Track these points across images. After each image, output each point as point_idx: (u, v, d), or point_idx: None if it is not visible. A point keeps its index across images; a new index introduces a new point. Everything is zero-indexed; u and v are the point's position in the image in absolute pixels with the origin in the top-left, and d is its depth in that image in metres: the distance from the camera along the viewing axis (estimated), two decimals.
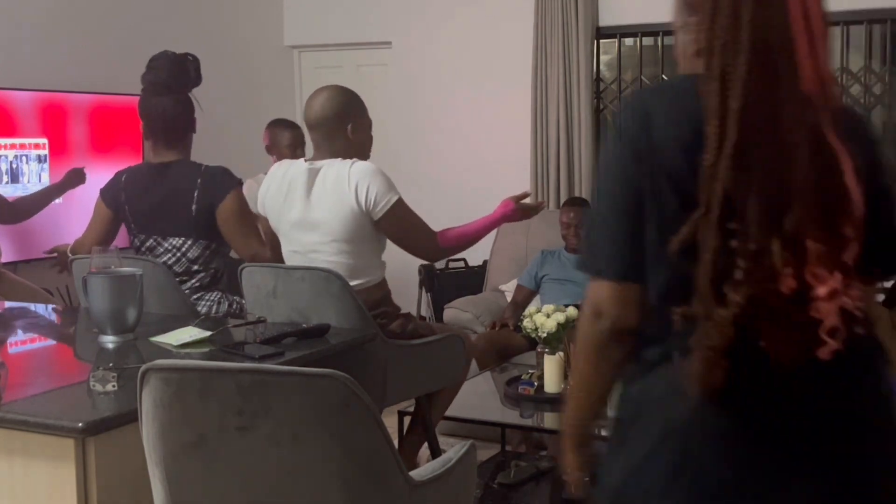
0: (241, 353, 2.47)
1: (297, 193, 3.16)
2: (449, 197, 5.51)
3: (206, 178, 3.32)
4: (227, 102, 5.61)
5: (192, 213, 3.30)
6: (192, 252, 3.35)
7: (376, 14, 6.13)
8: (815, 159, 1.34)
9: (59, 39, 4.88)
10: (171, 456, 1.86)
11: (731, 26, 1.36)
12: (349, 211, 3.06)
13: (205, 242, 3.35)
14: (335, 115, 3.16)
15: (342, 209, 3.07)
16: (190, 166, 3.38)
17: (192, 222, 3.31)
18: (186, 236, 3.33)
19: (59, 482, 1.97)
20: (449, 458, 2.20)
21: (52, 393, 2.24)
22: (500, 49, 5.73)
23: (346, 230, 3.09)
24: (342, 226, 3.08)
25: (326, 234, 3.11)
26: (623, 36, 5.61)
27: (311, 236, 3.15)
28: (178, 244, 3.35)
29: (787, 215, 1.32)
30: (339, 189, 3.07)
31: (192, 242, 3.34)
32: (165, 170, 3.39)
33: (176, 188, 3.34)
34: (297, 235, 3.19)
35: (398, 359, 3.22)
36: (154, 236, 3.38)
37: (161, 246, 3.37)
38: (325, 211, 3.10)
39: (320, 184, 3.12)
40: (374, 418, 1.87)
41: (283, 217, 3.21)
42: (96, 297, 2.64)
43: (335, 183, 3.08)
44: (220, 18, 5.90)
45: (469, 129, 5.72)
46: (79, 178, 4.49)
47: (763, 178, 1.33)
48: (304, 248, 3.18)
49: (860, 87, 5.15)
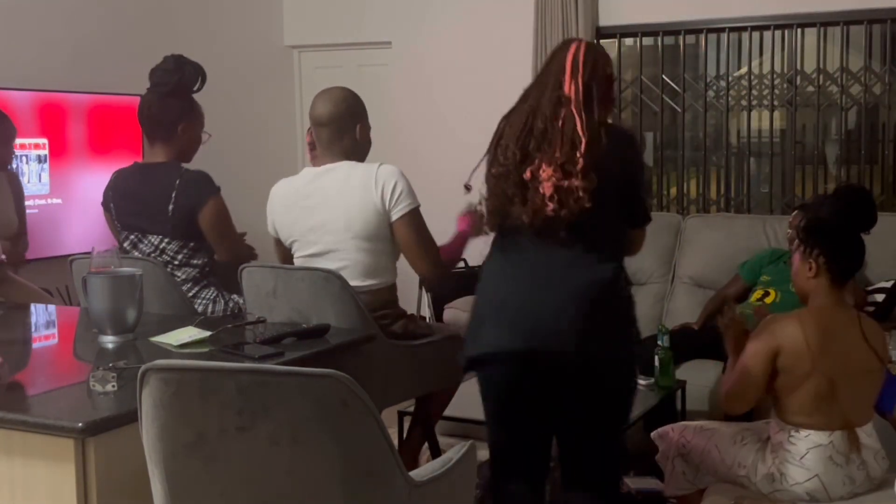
0: (241, 354, 2.47)
1: (314, 198, 3.18)
2: (449, 197, 5.50)
3: (184, 181, 3.35)
4: (227, 102, 5.61)
5: (169, 213, 3.33)
6: (171, 248, 3.38)
7: (376, 14, 6.13)
8: (559, 119, 2.48)
9: (58, 39, 4.88)
10: (171, 456, 1.86)
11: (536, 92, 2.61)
12: (372, 209, 3.10)
13: (181, 241, 3.38)
14: (349, 113, 3.22)
15: (365, 208, 3.10)
16: (171, 168, 3.41)
17: (169, 221, 3.34)
18: (164, 234, 3.38)
19: (59, 482, 1.97)
20: (449, 458, 2.20)
21: (52, 393, 2.24)
22: (500, 49, 5.73)
23: (367, 228, 3.12)
24: (364, 224, 3.11)
25: (348, 231, 3.13)
26: (623, 36, 5.61)
27: (330, 236, 3.16)
28: (157, 242, 3.39)
29: (530, 142, 2.50)
30: (365, 187, 3.10)
31: (168, 240, 3.38)
32: (150, 170, 3.45)
33: (154, 188, 3.38)
34: (316, 237, 3.19)
35: (398, 359, 3.22)
36: (136, 232, 3.42)
37: (142, 242, 3.42)
38: (348, 209, 3.12)
39: (339, 184, 3.15)
40: (374, 418, 1.87)
41: (298, 224, 3.22)
42: (96, 297, 2.64)
43: (363, 181, 3.11)
44: (219, 18, 5.90)
45: (469, 129, 5.72)
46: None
47: (520, 126, 2.55)
48: (324, 248, 3.18)
49: (860, 87, 5.15)
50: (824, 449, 2.61)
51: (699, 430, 2.89)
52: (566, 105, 2.49)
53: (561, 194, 2.42)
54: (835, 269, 2.69)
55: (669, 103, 5.61)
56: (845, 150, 5.28)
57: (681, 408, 4.11)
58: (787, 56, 5.31)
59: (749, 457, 2.74)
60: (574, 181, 2.41)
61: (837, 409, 2.63)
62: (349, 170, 3.17)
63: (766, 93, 5.38)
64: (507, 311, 2.52)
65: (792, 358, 2.63)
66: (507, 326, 2.51)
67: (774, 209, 5.40)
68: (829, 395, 2.61)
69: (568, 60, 2.53)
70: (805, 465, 2.62)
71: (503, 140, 2.57)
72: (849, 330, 2.71)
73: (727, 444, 2.80)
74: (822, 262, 2.68)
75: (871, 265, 2.91)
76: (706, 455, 2.82)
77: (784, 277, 4.43)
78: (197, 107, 3.51)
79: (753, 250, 4.71)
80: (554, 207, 2.42)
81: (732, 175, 5.60)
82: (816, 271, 2.69)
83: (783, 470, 2.65)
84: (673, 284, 4.97)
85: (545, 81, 2.56)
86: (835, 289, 2.71)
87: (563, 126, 2.47)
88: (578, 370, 2.48)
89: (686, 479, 2.89)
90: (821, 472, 2.61)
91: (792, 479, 2.64)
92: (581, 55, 2.53)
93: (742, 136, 5.51)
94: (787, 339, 2.65)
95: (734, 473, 2.76)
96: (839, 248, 2.72)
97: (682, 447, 2.88)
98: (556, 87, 2.51)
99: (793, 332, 2.65)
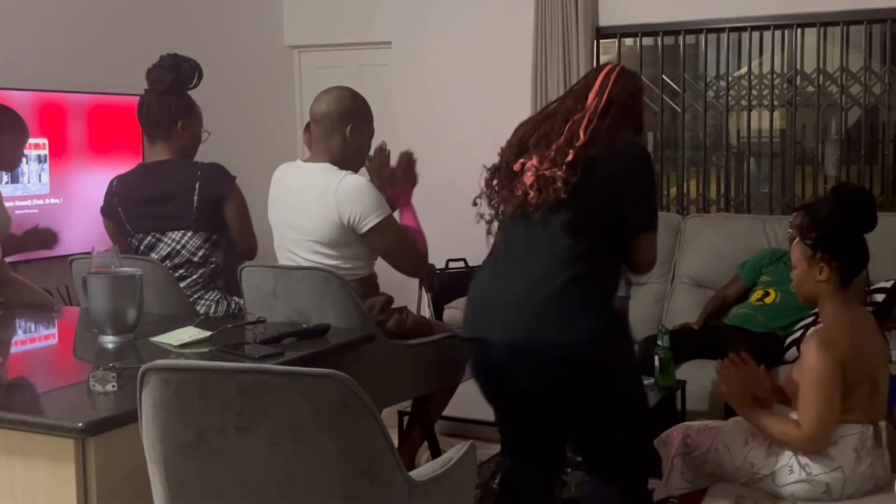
0: (241, 354, 2.47)
1: (289, 193, 3.22)
2: (449, 197, 5.50)
3: (206, 173, 3.40)
4: (227, 102, 5.61)
5: (195, 205, 3.34)
6: (193, 244, 3.38)
7: (376, 14, 6.13)
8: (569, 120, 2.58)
9: (58, 39, 4.88)
10: (171, 456, 1.86)
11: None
12: (331, 222, 3.10)
13: (205, 234, 3.39)
14: (338, 113, 3.21)
15: (325, 220, 3.11)
16: (185, 162, 3.45)
17: (194, 214, 3.35)
18: (186, 228, 3.38)
19: (59, 482, 1.97)
20: (449, 458, 2.20)
21: (52, 393, 2.24)
22: (501, 49, 5.73)
23: (328, 237, 3.13)
24: (323, 234, 3.13)
25: (308, 236, 3.16)
26: (623, 36, 5.61)
27: (295, 234, 3.20)
28: (178, 237, 3.38)
29: (531, 137, 2.62)
30: (325, 200, 3.10)
31: (192, 234, 3.38)
32: (158, 168, 3.45)
33: (174, 183, 3.38)
34: (284, 232, 3.25)
35: (398, 359, 3.22)
36: (153, 233, 3.40)
37: (161, 241, 3.39)
38: (309, 219, 3.14)
39: (308, 187, 3.15)
40: (374, 418, 1.87)
41: (274, 210, 3.30)
42: (96, 297, 2.64)
43: (322, 193, 3.10)
44: (219, 18, 5.90)
45: (469, 129, 5.72)
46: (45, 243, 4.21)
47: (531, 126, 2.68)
48: (288, 244, 3.24)
49: (860, 87, 5.15)
50: (851, 440, 2.62)
51: (703, 430, 2.89)
52: (581, 111, 2.58)
53: (541, 182, 2.51)
54: (843, 272, 2.71)
55: (669, 103, 5.61)
56: (845, 151, 5.28)
57: (681, 408, 4.11)
58: (786, 56, 5.31)
59: (761, 452, 2.74)
60: (557, 171, 2.49)
61: (864, 404, 2.65)
62: (319, 177, 3.15)
63: (765, 93, 5.38)
64: (482, 298, 2.64)
65: (853, 363, 2.63)
66: (475, 315, 2.64)
67: (774, 209, 5.40)
68: (857, 391, 2.63)
69: (599, 78, 2.63)
70: (832, 454, 2.63)
71: (509, 140, 2.68)
72: (866, 326, 2.74)
73: (736, 441, 2.79)
74: (833, 265, 2.69)
75: (871, 265, 2.91)
76: (711, 454, 2.82)
77: (784, 277, 4.43)
78: (195, 104, 3.52)
79: (753, 250, 4.72)
80: (534, 195, 2.51)
81: (732, 175, 5.60)
82: (825, 276, 2.70)
83: (806, 461, 2.65)
84: (673, 284, 4.97)
85: (569, 94, 2.68)
86: (845, 289, 2.73)
87: (569, 126, 2.56)
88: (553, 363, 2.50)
89: (684, 479, 2.89)
90: (844, 464, 2.62)
91: (816, 469, 2.63)
92: (613, 75, 2.63)
93: (742, 136, 5.50)
94: (842, 349, 2.63)
95: (743, 471, 2.76)
96: (847, 250, 2.73)
97: (685, 447, 2.88)
98: (580, 99, 2.62)
99: (842, 339, 2.65)
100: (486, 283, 2.65)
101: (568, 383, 2.54)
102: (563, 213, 2.51)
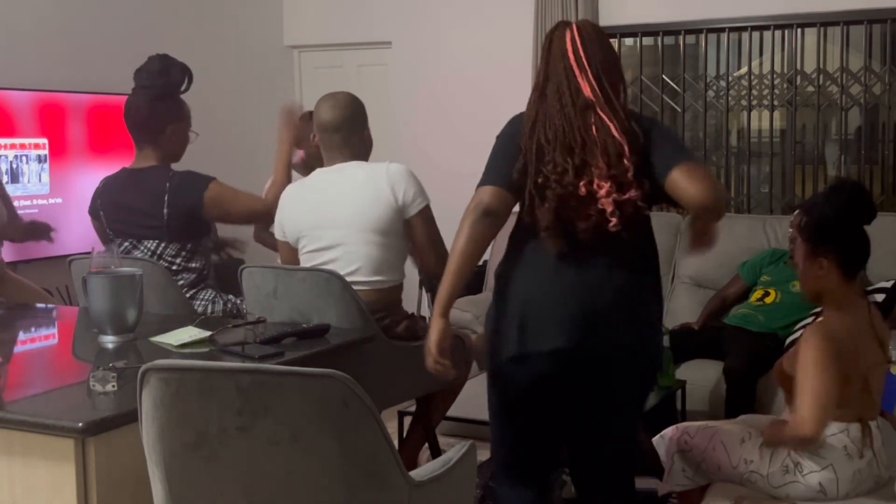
0: (241, 354, 2.47)
1: (325, 193, 3.20)
2: (449, 197, 5.50)
3: (175, 183, 3.35)
4: (227, 102, 5.61)
5: (164, 217, 3.32)
6: (168, 252, 3.37)
7: (376, 14, 6.13)
8: (591, 127, 2.43)
9: (57, 39, 4.88)
10: (171, 456, 1.86)
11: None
12: (385, 204, 3.13)
13: (179, 244, 3.37)
14: (354, 118, 3.27)
15: (378, 203, 3.13)
16: (160, 171, 3.40)
17: (165, 225, 3.34)
18: (160, 239, 3.37)
19: (59, 482, 1.97)
20: (449, 458, 2.20)
21: (52, 393, 2.24)
22: (500, 49, 5.73)
23: (379, 222, 3.14)
24: (376, 218, 3.14)
25: (358, 226, 3.15)
26: (623, 36, 5.61)
27: (339, 230, 3.17)
28: (153, 247, 3.38)
29: (574, 154, 2.41)
30: (376, 183, 3.14)
31: (165, 244, 3.36)
32: (139, 176, 3.43)
33: (146, 193, 3.37)
34: (324, 232, 3.19)
35: (398, 359, 3.22)
36: (130, 239, 3.41)
37: (137, 249, 3.40)
38: (359, 205, 3.15)
39: (351, 180, 3.18)
40: (374, 418, 1.87)
41: (307, 218, 3.22)
42: (96, 297, 2.64)
43: (371, 177, 3.16)
44: (219, 18, 5.90)
45: (469, 128, 5.72)
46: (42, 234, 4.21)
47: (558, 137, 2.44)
48: (332, 241, 3.18)
49: (860, 87, 5.15)
50: (839, 438, 2.63)
51: (701, 430, 2.89)
52: (592, 109, 2.43)
53: (622, 208, 2.39)
54: (844, 265, 2.70)
55: (669, 103, 5.61)
56: (845, 150, 5.28)
57: (681, 408, 4.11)
58: (787, 56, 5.32)
59: (756, 451, 2.74)
60: (632, 192, 2.38)
61: (853, 402, 2.65)
62: (360, 168, 3.23)
63: (766, 93, 5.38)
64: (557, 311, 2.47)
65: (848, 358, 2.63)
66: (558, 325, 2.46)
67: (774, 209, 5.40)
68: (846, 389, 2.62)
69: (570, 53, 2.46)
70: (821, 454, 2.63)
71: (544, 153, 2.44)
72: (863, 324, 2.73)
73: (733, 441, 2.79)
74: (832, 258, 2.68)
75: (871, 265, 2.91)
76: (708, 454, 2.82)
77: (784, 277, 4.44)
78: (185, 107, 3.49)
79: (753, 250, 4.72)
80: (615, 223, 2.38)
81: (732, 175, 5.60)
82: (827, 269, 2.69)
83: (798, 460, 2.65)
84: (673, 284, 4.97)
85: (557, 73, 2.47)
86: (847, 284, 2.72)
87: (597, 133, 2.42)
88: (627, 363, 2.53)
89: (685, 476, 2.89)
90: (835, 463, 2.62)
91: (807, 469, 2.64)
92: (580, 46, 2.47)
93: (742, 136, 5.51)
94: (841, 341, 2.63)
95: (740, 470, 2.76)
96: (846, 242, 2.72)
97: (683, 444, 2.88)
98: (576, 91, 2.44)
99: (842, 332, 2.65)
100: (541, 294, 2.49)
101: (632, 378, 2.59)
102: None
